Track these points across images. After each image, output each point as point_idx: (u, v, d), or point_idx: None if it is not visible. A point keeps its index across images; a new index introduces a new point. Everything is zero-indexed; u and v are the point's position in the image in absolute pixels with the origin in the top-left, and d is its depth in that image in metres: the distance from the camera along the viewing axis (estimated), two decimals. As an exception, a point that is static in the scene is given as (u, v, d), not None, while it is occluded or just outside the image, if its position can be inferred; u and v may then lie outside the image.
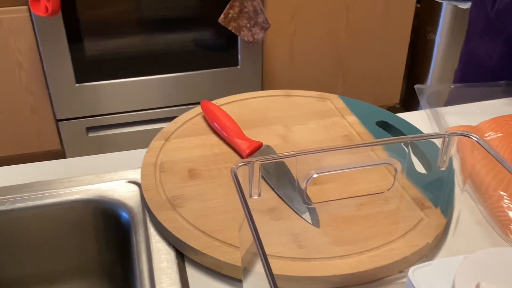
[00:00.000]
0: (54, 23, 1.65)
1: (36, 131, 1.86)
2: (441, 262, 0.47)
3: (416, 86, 0.83)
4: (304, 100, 0.82)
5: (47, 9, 1.55)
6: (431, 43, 2.20)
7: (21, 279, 0.69)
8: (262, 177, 0.62)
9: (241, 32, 1.77)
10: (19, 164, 0.73)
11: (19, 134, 1.85)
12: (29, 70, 1.74)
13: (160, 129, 0.76)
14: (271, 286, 0.36)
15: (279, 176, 0.64)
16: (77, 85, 1.77)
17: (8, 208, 0.64)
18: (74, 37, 1.70)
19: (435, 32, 2.17)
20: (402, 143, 0.59)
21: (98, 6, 1.69)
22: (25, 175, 0.70)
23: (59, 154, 1.95)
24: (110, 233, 0.67)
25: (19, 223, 0.65)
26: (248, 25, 1.73)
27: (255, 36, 1.79)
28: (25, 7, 1.64)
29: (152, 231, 0.60)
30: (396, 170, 0.57)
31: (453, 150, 0.54)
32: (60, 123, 1.84)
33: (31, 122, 1.83)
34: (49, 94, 1.79)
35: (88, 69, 1.76)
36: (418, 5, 2.20)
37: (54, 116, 1.84)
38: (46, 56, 1.70)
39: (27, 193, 0.66)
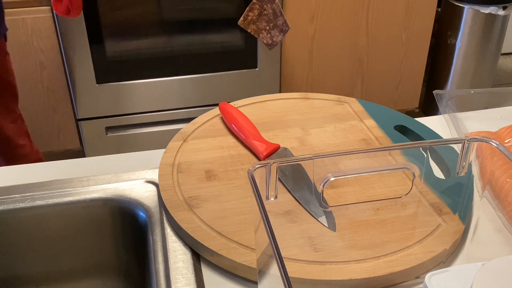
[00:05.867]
0: (76, 24, 1.67)
1: (57, 130, 1.88)
2: (459, 268, 0.46)
3: (435, 92, 0.82)
4: (322, 103, 0.82)
5: (69, 10, 1.57)
6: (452, 47, 2.17)
7: (39, 276, 0.70)
8: (279, 179, 0.62)
9: (260, 34, 1.77)
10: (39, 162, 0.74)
11: (40, 132, 1.87)
12: (51, 70, 1.76)
13: (178, 130, 0.76)
14: (286, 289, 0.36)
15: (296, 179, 0.64)
16: (97, 85, 1.79)
17: (28, 205, 0.65)
18: (96, 38, 1.72)
19: (456, 37, 2.14)
20: (421, 148, 0.59)
21: (120, 7, 1.71)
22: (45, 173, 0.71)
23: (79, 153, 1.98)
24: (127, 232, 0.68)
25: (38, 220, 0.66)
26: (267, 28, 1.73)
27: (274, 39, 1.79)
28: (48, 7, 1.66)
29: (168, 231, 0.60)
30: (414, 175, 0.57)
31: (472, 156, 0.54)
32: (80, 122, 1.86)
33: (52, 121, 1.86)
34: (70, 93, 1.82)
35: (108, 69, 1.78)
36: (439, 9, 2.18)
37: (75, 115, 1.86)
38: (68, 56, 1.72)
39: (46, 191, 0.67)
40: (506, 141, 0.70)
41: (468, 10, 2.07)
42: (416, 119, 0.79)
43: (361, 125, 0.77)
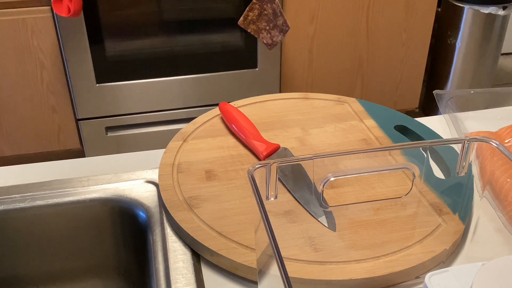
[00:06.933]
0: (76, 24, 1.67)
1: (57, 130, 1.88)
2: (459, 268, 0.46)
3: (435, 92, 0.82)
4: (322, 103, 0.82)
5: (69, 10, 1.57)
6: (452, 47, 2.17)
7: (39, 276, 0.70)
8: (279, 179, 0.62)
9: (260, 34, 1.77)
10: (39, 162, 0.74)
11: (40, 132, 1.87)
12: (51, 70, 1.76)
13: (178, 129, 0.76)
14: (286, 289, 0.36)
15: (296, 179, 0.64)
16: (97, 85, 1.79)
17: (28, 205, 0.65)
18: (95, 37, 1.72)
19: (456, 37, 2.14)
20: (421, 148, 0.59)
21: (120, 7, 1.71)
22: (45, 173, 0.71)
23: (79, 153, 1.98)
24: (127, 232, 0.68)
25: (38, 221, 0.66)
26: (267, 28, 1.74)
27: (274, 39, 1.79)
28: (48, 7, 1.66)
29: (168, 231, 0.60)
30: (414, 175, 0.57)
31: (472, 156, 0.54)
32: (80, 122, 1.86)
33: (52, 121, 1.86)
34: (70, 93, 1.82)
35: (108, 69, 1.78)
36: (439, 9, 2.18)
37: (75, 115, 1.86)
38: (68, 56, 1.72)
39: (46, 191, 0.67)
40: (506, 141, 0.70)
41: (468, 10, 2.07)
42: (416, 119, 0.79)
43: (361, 125, 0.77)
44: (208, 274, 0.56)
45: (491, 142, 0.51)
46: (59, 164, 0.74)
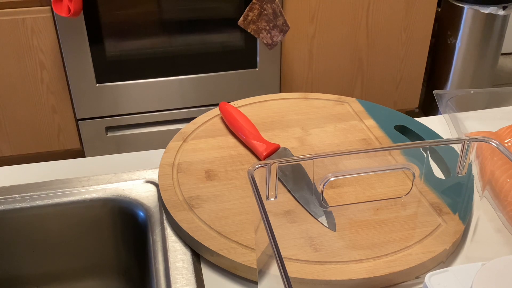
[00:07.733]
0: (76, 23, 1.67)
1: (57, 130, 1.88)
2: (459, 268, 0.46)
3: (435, 92, 0.82)
4: (322, 103, 0.82)
5: (69, 10, 1.57)
6: (452, 47, 2.17)
7: (39, 276, 0.70)
8: (279, 179, 0.62)
9: (260, 34, 1.77)
10: (39, 162, 0.74)
11: (40, 132, 1.87)
12: (51, 70, 1.76)
13: (178, 130, 0.76)
14: (286, 289, 0.36)
15: (296, 179, 0.64)
16: (97, 85, 1.79)
17: (27, 205, 0.65)
18: (95, 37, 1.72)
19: (456, 37, 2.14)
20: (421, 148, 0.59)
21: (120, 7, 1.71)
22: (45, 173, 0.71)
23: (79, 153, 1.98)
24: (127, 232, 0.68)
25: (38, 221, 0.66)
26: (267, 28, 1.74)
27: (274, 39, 1.79)
28: (48, 7, 1.66)
29: (168, 231, 0.60)
30: (414, 175, 0.57)
31: (472, 156, 0.54)
32: (80, 122, 1.86)
33: (52, 121, 1.86)
34: (70, 93, 1.82)
35: (108, 69, 1.78)
36: (439, 9, 2.18)
37: (75, 115, 1.86)
38: (68, 56, 1.72)
39: (46, 191, 0.67)
40: (506, 141, 0.70)
41: (468, 10, 2.07)
42: (416, 119, 0.79)
43: (361, 125, 0.77)
44: (208, 274, 0.56)
45: (491, 142, 0.51)
46: (59, 164, 0.74)
